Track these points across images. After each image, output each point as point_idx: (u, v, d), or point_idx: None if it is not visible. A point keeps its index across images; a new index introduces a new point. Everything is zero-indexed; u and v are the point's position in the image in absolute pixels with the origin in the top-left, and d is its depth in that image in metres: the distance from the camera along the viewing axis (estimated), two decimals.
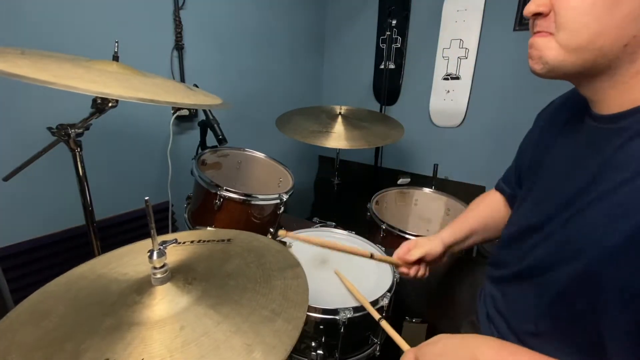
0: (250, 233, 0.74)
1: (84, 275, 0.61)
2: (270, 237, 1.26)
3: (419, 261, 0.81)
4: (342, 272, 0.98)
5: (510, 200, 0.81)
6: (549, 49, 0.49)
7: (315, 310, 0.80)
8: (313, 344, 0.84)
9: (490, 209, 0.85)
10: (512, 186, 0.80)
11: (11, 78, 0.52)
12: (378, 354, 0.91)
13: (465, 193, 1.73)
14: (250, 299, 0.52)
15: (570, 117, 0.61)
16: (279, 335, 0.46)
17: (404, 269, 0.83)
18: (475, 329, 0.76)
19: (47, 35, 1.16)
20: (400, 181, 2.04)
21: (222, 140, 1.39)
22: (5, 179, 0.86)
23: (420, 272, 0.83)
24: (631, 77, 0.47)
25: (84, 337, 0.46)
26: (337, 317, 0.79)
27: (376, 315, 0.76)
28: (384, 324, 0.73)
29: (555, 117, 0.67)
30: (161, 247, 0.54)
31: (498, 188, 0.86)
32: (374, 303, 0.84)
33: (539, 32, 0.50)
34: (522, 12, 1.74)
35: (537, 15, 0.49)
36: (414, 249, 0.80)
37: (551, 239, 0.54)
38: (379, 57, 2.23)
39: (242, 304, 0.51)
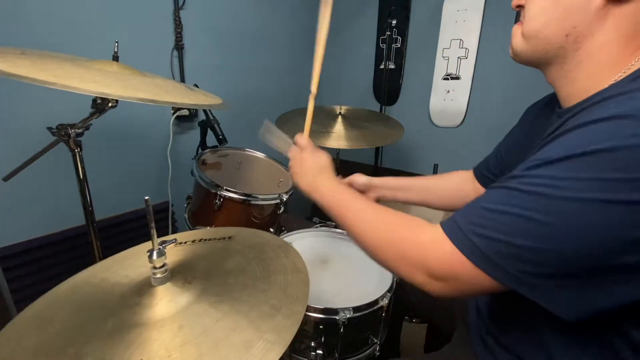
0: (251, 229, 0.74)
1: (87, 280, 0.62)
2: None
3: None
4: (342, 271, 0.98)
5: (481, 179, 0.87)
6: (516, 35, 0.56)
7: (315, 310, 0.80)
8: (313, 344, 0.84)
9: (440, 179, 0.94)
10: (487, 166, 0.85)
11: (11, 78, 0.52)
12: (378, 354, 0.91)
13: None
14: (250, 296, 0.52)
15: (546, 114, 0.65)
16: (278, 330, 0.46)
17: None
18: (466, 325, 0.76)
19: (47, 35, 1.16)
20: None
21: (222, 140, 1.39)
22: (5, 179, 0.86)
23: None
24: (575, 67, 0.51)
25: (86, 341, 0.47)
26: (336, 317, 0.79)
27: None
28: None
29: (539, 114, 0.71)
30: (161, 247, 0.54)
31: (476, 171, 0.90)
32: (373, 303, 0.84)
33: (519, 21, 0.56)
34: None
35: (520, 7, 0.56)
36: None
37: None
38: (379, 57, 2.23)
39: (242, 301, 0.51)
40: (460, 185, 0.90)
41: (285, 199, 1.23)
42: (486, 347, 0.64)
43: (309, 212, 2.64)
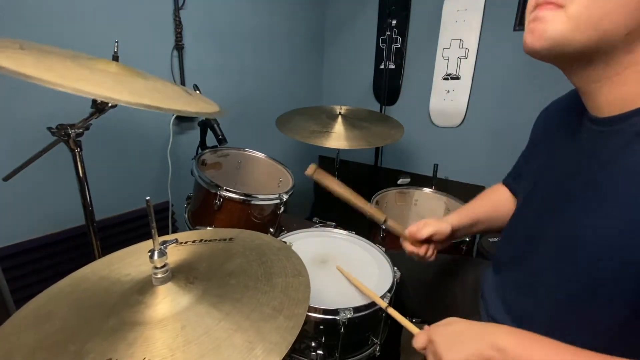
0: (251, 231, 0.74)
1: (87, 277, 0.61)
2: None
3: (427, 241, 0.81)
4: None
5: (511, 189, 0.83)
6: (557, 22, 0.45)
7: (315, 310, 0.80)
8: (313, 344, 0.84)
9: (496, 204, 0.87)
10: (516, 177, 0.82)
11: (16, 77, 0.52)
12: (378, 354, 0.91)
13: (465, 193, 1.73)
14: (252, 297, 0.53)
15: (570, 121, 0.60)
16: (280, 332, 0.46)
17: (412, 247, 0.83)
18: None
19: (47, 34, 1.16)
20: (400, 181, 2.04)
21: (222, 140, 1.39)
22: (5, 179, 0.86)
23: (429, 253, 0.83)
24: (625, 68, 0.45)
25: (87, 338, 0.47)
26: (337, 317, 0.79)
27: (383, 304, 0.77)
28: (391, 311, 0.73)
29: (555, 120, 0.67)
30: (162, 247, 0.54)
31: (506, 184, 0.87)
32: (373, 303, 0.84)
33: (546, 3, 0.46)
34: (522, 12, 1.73)
35: None
36: (423, 227, 0.80)
37: (553, 246, 0.55)
38: (379, 57, 2.23)
39: (244, 302, 0.51)
40: (509, 207, 0.84)
41: (285, 199, 1.23)
42: None
43: (309, 212, 2.64)
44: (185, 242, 0.69)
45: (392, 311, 0.74)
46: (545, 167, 0.63)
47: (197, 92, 1.39)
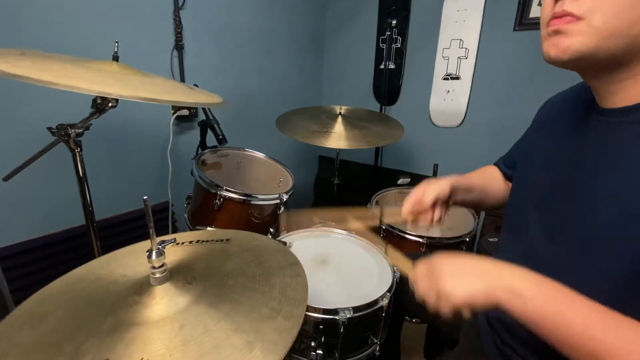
0: (249, 233, 0.74)
1: (83, 277, 0.61)
2: (270, 237, 1.26)
3: (432, 206, 0.77)
4: (342, 272, 0.98)
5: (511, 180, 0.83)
6: (581, 34, 0.44)
7: (315, 310, 0.80)
8: (313, 343, 0.84)
9: (489, 178, 0.87)
10: (513, 169, 0.81)
11: (13, 79, 0.52)
12: (378, 354, 0.91)
13: None
14: (250, 298, 0.53)
15: (577, 112, 0.59)
16: (279, 332, 0.46)
17: (422, 221, 0.78)
18: (477, 332, 0.76)
19: (47, 34, 1.16)
20: (400, 181, 2.04)
21: (222, 140, 1.39)
22: (5, 179, 0.86)
23: (437, 216, 0.78)
24: None
25: (84, 339, 0.47)
26: (336, 317, 0.79)
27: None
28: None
29: (559, 111, 0.65)
30: (160, 247, 0.54)
31: (499, 168, 0.87)
32: (373, 303, 0.84)
33: (566, 15, 0.45)
34: (522, 12, 1.73)
35: None
36: (426, 192, 0.76)
37: (563, 240, 0.54)
38: (379, 57, 2.23)
39: (242, 303, 0.52)
40: (502, 187, 0.85)
41: (285, 199, 1.23)
42: (504, 358, 0.63)
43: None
44: (183, 243, 0.69)
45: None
46: (549, 160, 0.62)
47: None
